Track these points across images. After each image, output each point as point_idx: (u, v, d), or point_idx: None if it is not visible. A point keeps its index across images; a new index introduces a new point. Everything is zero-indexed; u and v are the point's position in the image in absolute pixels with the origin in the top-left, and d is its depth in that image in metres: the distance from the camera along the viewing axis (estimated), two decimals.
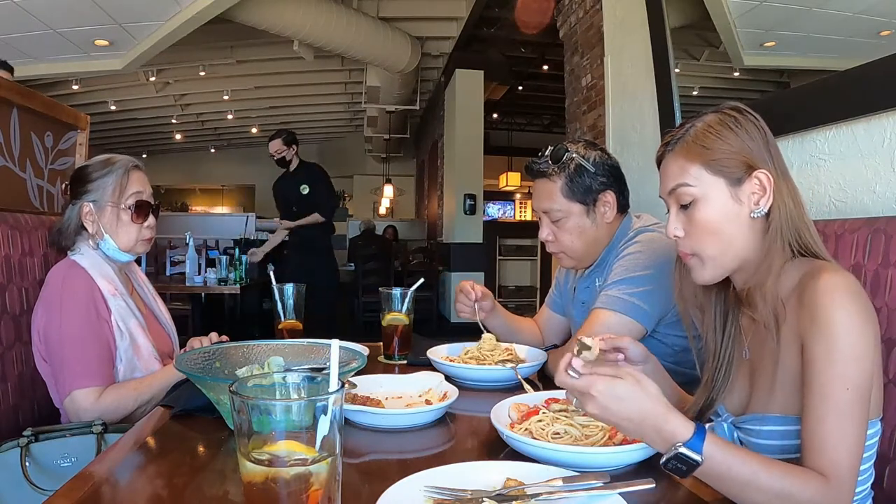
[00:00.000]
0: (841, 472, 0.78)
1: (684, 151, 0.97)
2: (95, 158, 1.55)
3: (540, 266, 8.74)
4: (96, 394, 1.34)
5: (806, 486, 0.77)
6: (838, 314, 0.82)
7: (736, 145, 0.94)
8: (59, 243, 1.50)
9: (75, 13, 4.64)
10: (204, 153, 12.78)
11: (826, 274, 0.85)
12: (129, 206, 1.49)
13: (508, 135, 12.29)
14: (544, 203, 1.47)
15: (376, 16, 6.33)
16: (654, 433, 0.80)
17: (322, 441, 0.58)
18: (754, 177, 0.93)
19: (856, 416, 0.80)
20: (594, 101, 3.30)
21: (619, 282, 1.37)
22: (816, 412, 0.81)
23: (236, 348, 1.11)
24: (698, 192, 0.95)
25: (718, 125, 0.95)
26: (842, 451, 0.79)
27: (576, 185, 1.44)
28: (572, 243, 1.47)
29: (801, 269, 0.91)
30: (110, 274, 1.48)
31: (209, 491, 0.81)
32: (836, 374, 0.81)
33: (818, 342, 0.83)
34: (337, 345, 0.66)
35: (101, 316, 1.41)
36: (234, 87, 8.30)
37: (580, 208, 1.45)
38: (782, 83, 1.83)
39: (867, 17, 1.42)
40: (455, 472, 0.78)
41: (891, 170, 1.29)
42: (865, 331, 0.82)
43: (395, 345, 1.57)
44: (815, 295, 0.84)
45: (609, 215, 1.46)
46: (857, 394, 0.80)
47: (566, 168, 1.44)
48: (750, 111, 0.97)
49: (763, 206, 0.93)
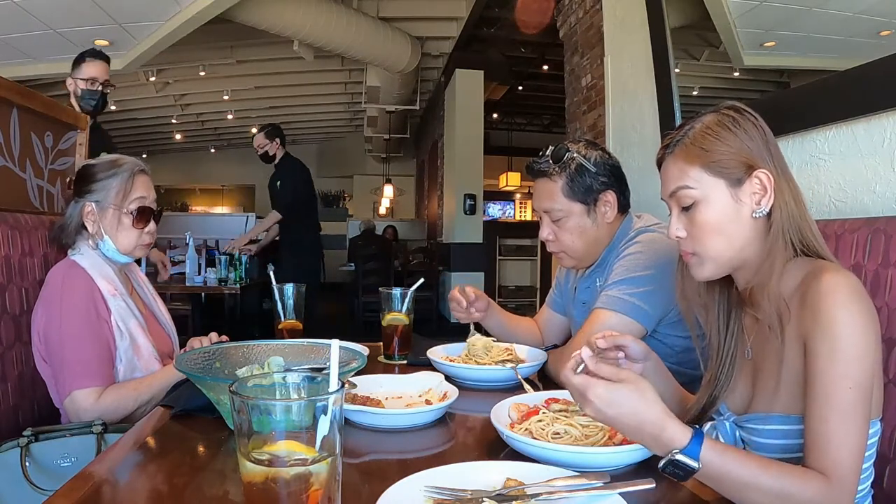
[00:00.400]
0: (843, 472, 0.78)
1: (684, 154, 0.97)
2: (103, 157, 1.55)
3: (540, 266, 8.73)
4: (96, 394, 1.34)
5: (806, 485, 0.77)
6: (841, 314, 0.82)
7: (735, 146, 0.94)
8: (60, 240, 1.50)
9: (75, 13, 4.64)
10: (204, 153, 12.78)
11: (828, 274, 0.85)
12: (132, 210, 1.49)
13: (508, 135, 12.29)
14: (545, 203, 1.47)
15: (376, 16, 6.33)
16: (652, 439, 0.81)
17: (322, 441, 0.58)
18: (755, 176, 0.93)
19: (858, 415, 0.80)
20: (594, 101, 3.30)
21: (619, 282, 1.37)
22: (819, 411, 0.81)
23: (236, 348, 1.11)
24: (699, 194, 0.95)
25: (717, 126, 0.95)
26: (844, 450, 0.79)
27: (576, 185, 1.44)
28: (573, 243, 1.47)
29: (803, 268, 0.91)
30: (110, 274, 1.48)
31: (209, 491, 0.81)
32: (838, 374, 0.81)
33: (821, 341, 0.83)
34: (337, 345, 0.66)
35: (101, 316, 1.41)
36: (234, 87, 8.30)
37: (581, 208, 1.45)
38: (782, 83, 1.83)
39: (867, 17, 1.42)
40: (455, 472, 0.78)
41: (891, 170, 1.29)
42: (867, 330, 0.83)
43: (395, 345, 1.57)
44: (818, 294, 0.84)
45: (610, 215, 1.46)
46: (860, 393, 0.80)
47: (567, 168, 1.44)
48: (748, 110, 0.97)
49: (765, 206, 0.93)
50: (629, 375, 0.83)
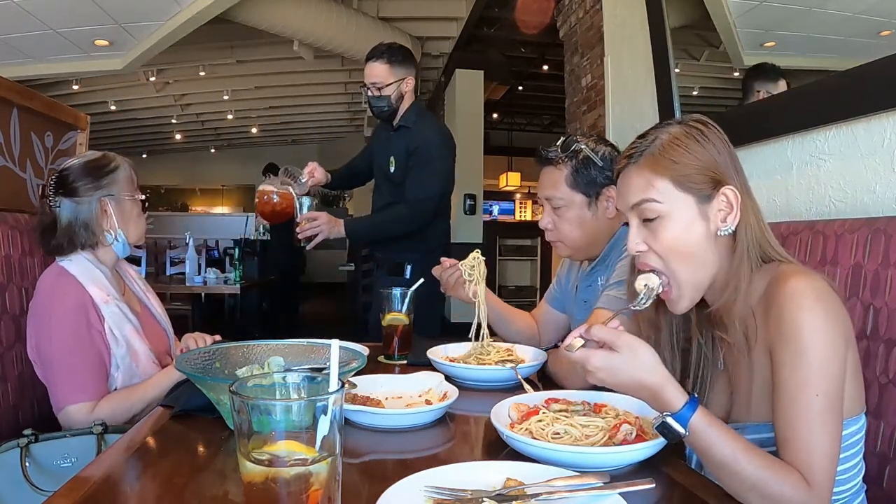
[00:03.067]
0: (816, 478, 0.78)
1: (651, 164, 0.93)
2: (86, 156, 1.48)
3: (540, 266, 8.73)
4: (89, 408, 1.32)
5: (785, 480, 0.78)
6: (804, 318, 0.81)
7: (704, 159, 0.91)
8: (62, 247, 1.41)
9: (75, 13, 4.64)
10: (204, 153, 12.78)
11: (791, 279, 0.84)
12: (141, 198, 1.50)
13: (508, 135, 12.29)
14: (548, 190, 1.49)
15: (376, 16, 6.33)
16: (652, 400, 0.85)
17: (322, 441, 0.58)
18: (721, 193, 0.91)
19: (827, 422, 0.80)
20: (594, 101, 3.30)
21: (621, 282, 1.37)
22: (788, 420, 0.81)
23: (236, 348, 1.11)
24: (665, 208, 0.92)
25: (685, 138, 0.92)
26: (815, 455, 0.79)
27: (581, 176, 1.45)
28: (570, 233, 1.49)
29: (766, 276, 0.90)
30: (101, 279, 1.43)
31: (209, 491, 0.81)
32: (804, 382, 0.80)
33: (785, 349, 0.83)
34: (337, 345, 0.66)
35: (93, 326, 1.38)
36: (234, 87, 8.30)
37: (582, 199, 1.46)
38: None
39: (867, 17, 1.42)
40: (455, 472, 0.78)
41: (891, 170, 1.29)
42: (833, 332, 0.82)
43: (395, 345, 1.57)
44: (781, 301, 0.84)
45: (611, 211, 1.47)
46: (827, 400, 0.80)
47: (574, 158, 1.46)
48: (713, 124, 0.95)
49: (731, 224, 0.91)
50: (627, 341, 0.84)
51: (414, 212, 2.28)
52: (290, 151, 12.31)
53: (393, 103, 2.34)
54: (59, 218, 1.42)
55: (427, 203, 2.29)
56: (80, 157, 1.49)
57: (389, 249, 2.43)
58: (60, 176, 1.44)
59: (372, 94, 2.35)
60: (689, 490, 0.83)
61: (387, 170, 2.40)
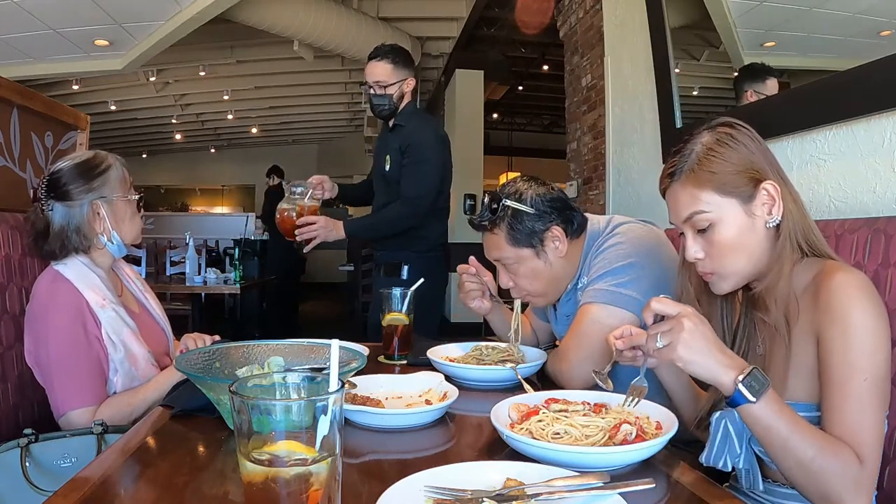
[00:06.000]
0: (866, 454, 0.82)
1: (692, 179, 0.98)
2: (79, 156, 1.47)
3: None
4: (90, 413, 1.32)
5: (839, 453, 0.81)
6: (854, 311, 0.86)
7: (739, 162, 0.97)
8: (54, 252, 1.40)
9: (75, 13, 4.64)
10: (204, 153, 12.78)
11: (840, 273, 0.89)
12: (135, 197, 1.48)
13: (508, 135, 12.28)
14: (493, 253, 1.46)
15: (376, 16, 6.33)
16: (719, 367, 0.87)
17: (322, 441, 0.58)
18: (762, 189, 0.96)
19: (875, 405, 0.84)
20: (594, 101, 3.30)
21: (603, 275, 1.36)
22: (836, 402, 0.85)
23: (236, 348, 1.11)
24: (714, 216, 0.97)
25: (718, 146, 0.98)
26: (864, 434, 0.83)
27: (518, 232, 1.40)
28: (532, 286, 1.46)
29: (812, 268, 0.95)
30: (97, 283, 1.41)
31: (209, 491, 0.81)
32: (853, 367, 0.85)
33: (836, 337, 0.87)
34: (337, 345, 0.66)
35: (90, 331, 1.36)
36: (234, 87, 8.30)
37: (529, 252, 1.42)
38: (782, 83, 1.83)
39: (867, 17, 1.42)
40: (455, 472, 0.78)
41: (891, 170, 1.29)
42: (879, 326, 0.87)
43: (395, 345, 1.57)
44: (831, 293, 0.88)
45: (562, 249, 1.43)
46: (874, 384, 0.84)
47: (504, 218, 1.41)
48: (740, 123, 1.00)
49: (776, 215, 0.97)
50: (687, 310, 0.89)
51: (409, 208, 2.31)
52: (290, 151, 12.32)
53: (394, 102, 2.36)
54: (51, 222, 1.41)
55: (422, 200, 2.32)
56: (71, 159, 1.46)
57: (387, 249, 2.46)
58: (51, 179, 1.41)
59: (374, 93, 2.36)
60: (690, 490, 0.83)
61: (383, 168, 2.43)
